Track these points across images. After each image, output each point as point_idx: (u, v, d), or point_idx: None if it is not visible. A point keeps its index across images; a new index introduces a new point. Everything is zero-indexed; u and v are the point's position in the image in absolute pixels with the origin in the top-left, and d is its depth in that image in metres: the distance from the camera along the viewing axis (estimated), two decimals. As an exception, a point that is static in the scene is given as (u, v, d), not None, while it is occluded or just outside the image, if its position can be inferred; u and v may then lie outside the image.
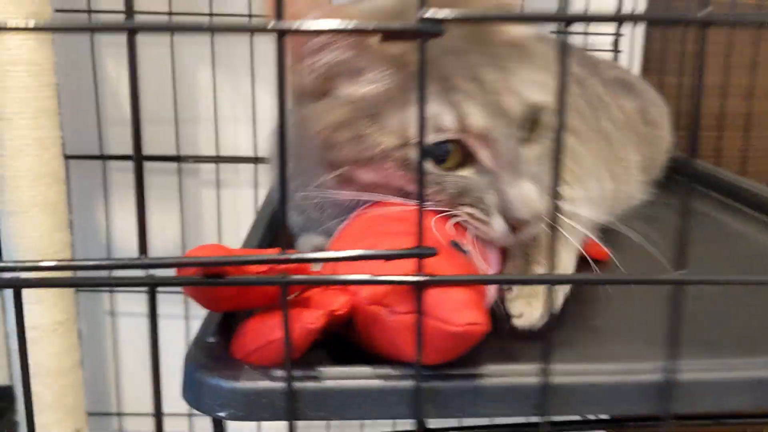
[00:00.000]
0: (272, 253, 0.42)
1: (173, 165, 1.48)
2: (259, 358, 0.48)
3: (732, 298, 0.64)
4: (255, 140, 1.48)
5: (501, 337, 0.54)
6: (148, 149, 1.48)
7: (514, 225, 0.54)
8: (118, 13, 1.40)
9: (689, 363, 0.49)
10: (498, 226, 0.56)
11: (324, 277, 0.47)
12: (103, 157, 1.47)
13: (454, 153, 0.56)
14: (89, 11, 1.40)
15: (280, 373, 0.47)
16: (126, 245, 1.55)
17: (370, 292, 0.48)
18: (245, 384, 0.47)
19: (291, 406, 0.46)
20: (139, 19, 0.38)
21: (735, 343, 0.55)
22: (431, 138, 0.55)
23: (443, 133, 0.55)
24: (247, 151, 1.49)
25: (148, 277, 0.44)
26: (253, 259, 0.42)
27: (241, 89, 1.47)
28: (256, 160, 1.48)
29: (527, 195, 0.54)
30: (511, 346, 0.56)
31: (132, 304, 1.56)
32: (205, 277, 0.44)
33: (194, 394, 0.48)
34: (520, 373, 0.48)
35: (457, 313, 0.43)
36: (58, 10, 1.36)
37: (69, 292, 1.27)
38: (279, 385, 0.46)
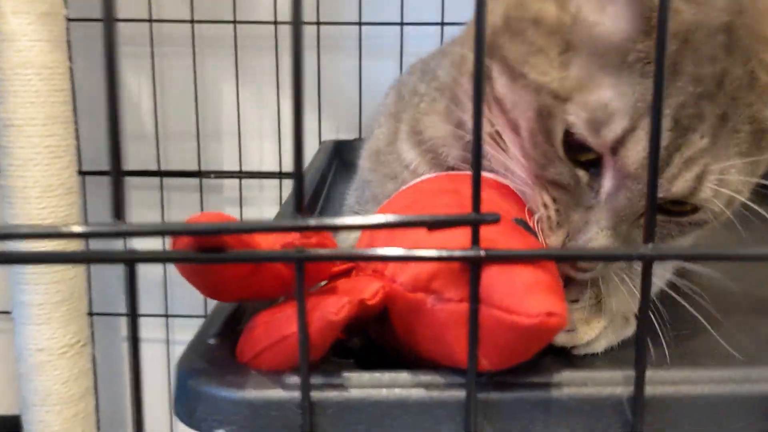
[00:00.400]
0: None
1: (195, 181, 1.40)
2: (270, 361, 0.38)
3: None
4: (280, 155, 1.40)
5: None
6: (169, 164, 1.41)
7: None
8: (138, 22, 1.35)
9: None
10: (553, 242, 0.47)
11: (349, 252, 0.37)
12: (122, 173, 1.40)
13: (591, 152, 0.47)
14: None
15: (294, 379, 0.37)
16: (145, 269, 1.47)
17: (412, 275, 0.38)
18: (250, 393, 0.36)
19: (308, 422, 0.35)
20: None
21: None
22: (584, 125, 0.45)
23: (595, 132, 0.45)
24: (271, 167, 1.41)
25: (127, 252, 0.34)
26: (258, 225, 0.32)
27: (266, 102, 1.40)
28: (280, 175, 1.39)
29: (592, 247, 0.45)
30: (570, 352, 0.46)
31: (151, 330, 1.47)
32: (201, 252, 0.34)
33: (187, 406, 0.38)
34: (604, 382, 0.37)
35: (528, 299, 0.33)
36: (73, 19, 1.31)
37: (81, 313, 1.18)
38: (293, 394, 0.36)
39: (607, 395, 0.37)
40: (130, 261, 0.35)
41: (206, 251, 0.34)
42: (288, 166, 1.39)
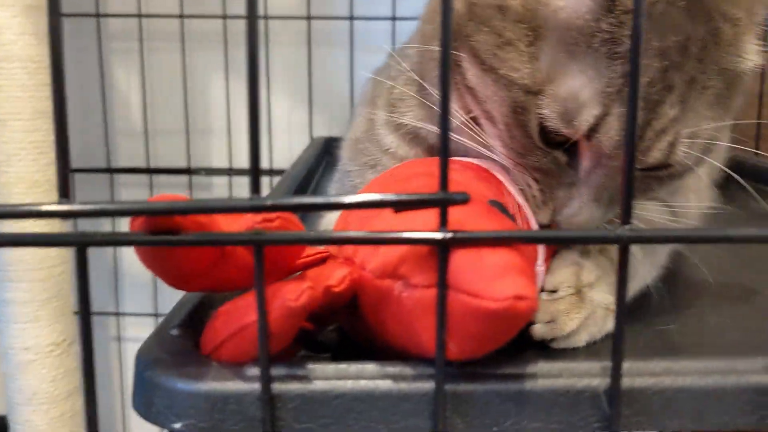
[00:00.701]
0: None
1: (184, 178, 1.39)
2: (231, 352, 0.36)
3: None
4: (271, 152, 1.39)
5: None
6: (158, 162, 1.39)
7: None
8: (127, 17, 1.33)
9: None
10: (541, 218, 0.48)
11: (309, 234, 0.35)
12: (111, 171, 1.39)
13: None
14: (98, 15, 1.33)
15: (255, 371, 0.35)
16: (135, 267, 1.45)
17: (381, 262, 0.36)
18: (209, 385, 0.35)
19: (269, 415, 0.34)
20: None
21: None
22: (557, 117, 0.45)
23: (568, 122, 0.45)
24: (262, 163, 1.39)
25: (78, 234, 0.33)
26: (212, 205, 0.30)
27: (256, 98, 1.38)
28: (271, 172, 1.38)
29: (578, 220, 0.47)
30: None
31: (140, 329, 1.45)
32: (155, 234, 0.33)
33: (145, 399, 0.36)
34: (581, 373, 0.35)
35: (496, 282, 0.31)
36: (64, 15, 1.29)
37: (68, 311, 1.17)
38: (254, 386, 0.34)
39: (583, 387, 0.35)
40: (82, 244, 0.33)
41: (161, 234, 0.33)
42: (279, 163, 1.38)
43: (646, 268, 0.55)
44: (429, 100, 0.55)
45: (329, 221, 0.57)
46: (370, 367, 0.35)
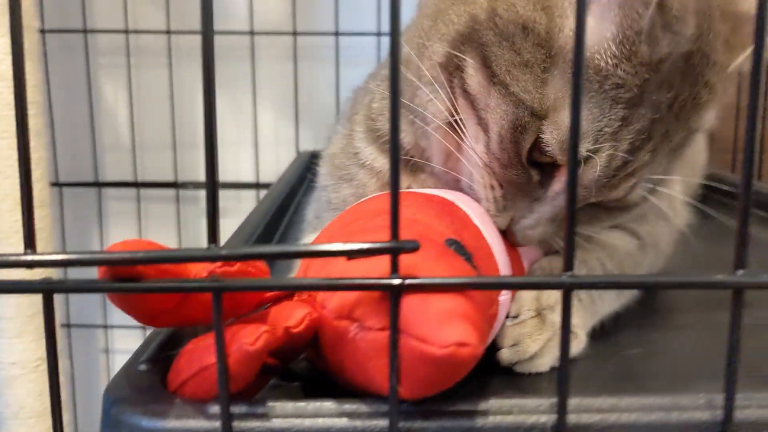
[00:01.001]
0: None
1: (171, 192, 1.40)
2: (194, 390, 0.37)
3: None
4: (257, 166, 1.40)
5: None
6: (145, 175, 1.40)
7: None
8: (114, 33, 1.34)
9: (752, 397, 0.37)
10: (499, 222, 0.51)
11: (266, 281, 0.36)
12: (99, 185, 1.40)
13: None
14: (85, 31, 1.34)
15: (216, 409, 0.36)
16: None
17: (338, 303, 0.37)
18: (172, 423, 0.36)
19: (229, 452, 0.35)
20: None
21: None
22: (556, 143, 0.48)
23: (563, 150, 0.48)
24: (249, 177, 1.41)
25: (43, 281, 0.34)
26: (170, 255, 0.32)
27: (242, 113, 1.39)
28: (258, 186, 1.39)
29: (532, 234, 0.51)
30: (518, 376, 0.46)
31: (128, 341, 1.46)
32: (119, 280, 0.34)
33: (111, 436, 0.37)
34: (530, 410, 0.37)
35: (440, 328, 0.32)
36: (49, 30, 1.31)
37: (55, 326, 1.18)
38: (215, 424, 0.36)
39: (532, 424, 0.36)
40: (48, 291, 0.35)
41: (124, 280, 0.34)
42: (266, 176, 1.39)
43: (615, 296, 0.57)
44: (410, 109, 0.56)
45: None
46: (328, 404, 0.37)
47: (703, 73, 0.48)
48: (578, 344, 0.50)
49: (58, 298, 0.36)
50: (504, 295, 0.46)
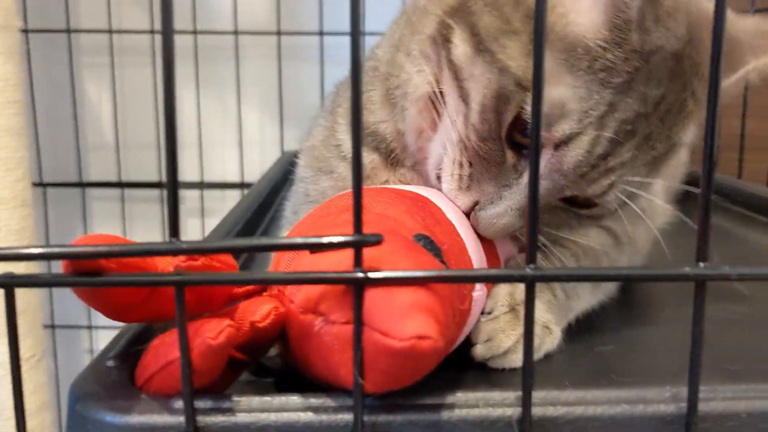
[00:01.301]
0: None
1: (156, 192, 1.40)
2: (160, 385, 0.37)
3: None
4: (242, 166, 1.40)
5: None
6: (129, 175, 1.40)
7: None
8: (97, 33, 1.34)
9: (716, 390, 0.38)
10: (460, 202, 0.50)
11: (227, 275, 0.36)
12: (83, 185, 1.39)
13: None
14: (68, 31, 1.33)
15: (181, 404, 0.36)
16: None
17: (304, 297, 0.37)
18: (136, 419, 0.36)
19: (193, 447, 0.35)
20: None
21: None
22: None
23: (546, 126, 0.47)
24: (233, 177, 1.40)
25: (5, 276, 0.34)
26: (126, 250, 0.32)
27: (227, 112, 1.39)
28: (243, 186, 1.39)
29: (497, 224, 0.49)
30: (492, 371, 0.46)
31: (114, 342, 1.45)
32: (81, 275, 0.34)
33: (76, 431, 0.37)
34: (496, 403, 0.37)
35: (401, 322, 0.32)
36: (32, 30, 1.30)
37: (37, 326, 1.17)
38: (179, 419, 0.36)
39: (497, 417, 0.36)
40: (9, 285, 0.35)
41: (88, 274, 0.34)
42: (251, 176, 1.39)
43: (590, 292, 0.57)
44: (391, 98, 0.57)
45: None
46: (294, 399, 0.37)
47: (691, 80, 0.48)
48: (553, 340, 0.50)
49: (43, 300, 0.35)
50: (478, 291, 0.46)
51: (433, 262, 0.39)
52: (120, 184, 1.39)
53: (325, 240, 0.33)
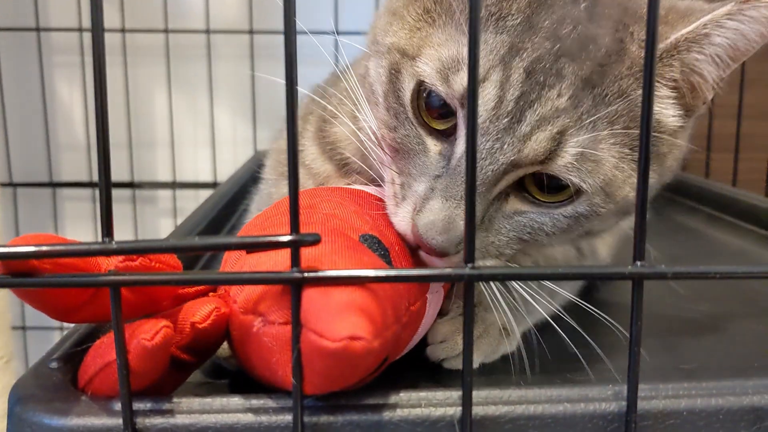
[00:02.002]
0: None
1: (128, 192, 1.38)
2: (101, 387, 0.37)
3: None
4: (215, 165, 1.39)
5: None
6: (100, 175, 1.38)
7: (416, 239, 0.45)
8: (68, 31, 1.32)
9: (658, 388, 0.38)
10: (400, 217, 0.47)
11: (163, 274, 0.36)
12: (54, 185, 1.38)
13: (450, 119, 0.47)
14: (38, 29, 1.32)
15: (120, 405, 0.36)
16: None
17: (244, 297, 0.37)
18: (74, 421, 0.36)
19: (131, 449, 0.35)
20: None
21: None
22: (435, 74, 0.46)
23: (445, 79, 0.46)
24: (206, 177, 1.39)
25: (-64, 279, 0.33)
26: (57, 250, 0.31)
27: (199, 112, 1.38)
28: (215, 185, 1.38)
29: (434, 222, 0.44)
30: (447, 372, 0.46)
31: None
32: (16, 275, 0.33)
33: (14, 434, 0.37)
34: (438, 402, 0.37)
35: (334, 322, 0.32)
36: (3, 29, 1.29)
37: (5, 328, 1.16)
38: (117, 421, 0.35)
39: (439, 416, 0.36)
40: (-59, 287, 0.34)
41: (21, 275, 0.34)
42: (224, 176, 1.38)
43: (550, 297, 0.56)
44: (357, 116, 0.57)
45: None
46: (235, 400, 0.37)
47: (625, 22, 0.46)
48: (511, 342, 0.50)
49: (14, 301, 0.35)
50: (433, 293, 0.46)
51: (376, 262, 0.39)
52: (91, 184, 1.38)
53: (261, 240, 0.33)
